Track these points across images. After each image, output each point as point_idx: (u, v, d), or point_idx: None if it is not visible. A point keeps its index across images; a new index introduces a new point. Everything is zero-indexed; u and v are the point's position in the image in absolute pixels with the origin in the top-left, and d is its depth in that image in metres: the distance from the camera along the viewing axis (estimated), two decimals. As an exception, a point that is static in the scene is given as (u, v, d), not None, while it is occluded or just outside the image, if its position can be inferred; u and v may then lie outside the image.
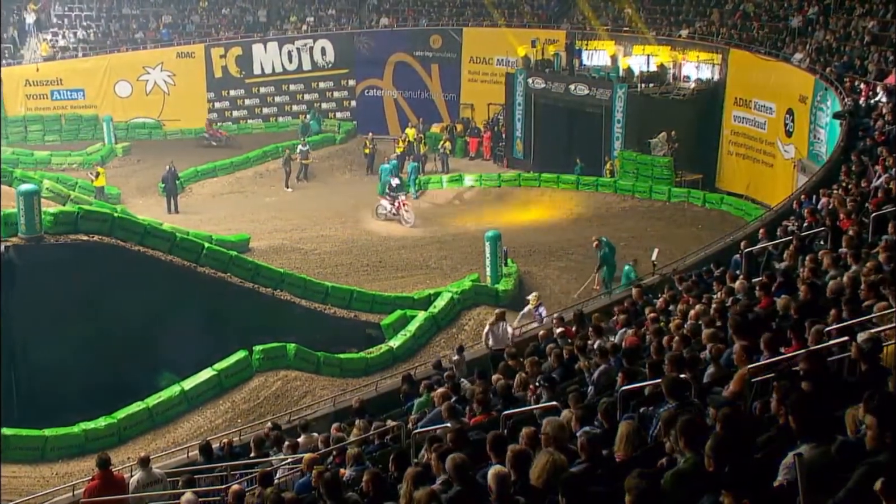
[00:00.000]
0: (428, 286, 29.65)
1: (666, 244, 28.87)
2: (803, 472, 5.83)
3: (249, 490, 13.55)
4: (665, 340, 14.13)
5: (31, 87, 47.03)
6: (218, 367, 24.05)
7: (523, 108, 43.28)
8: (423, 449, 11.99)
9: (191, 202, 39.87)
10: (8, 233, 23.88)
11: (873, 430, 6.14)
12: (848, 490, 5.73)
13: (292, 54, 50.22)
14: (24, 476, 21.26)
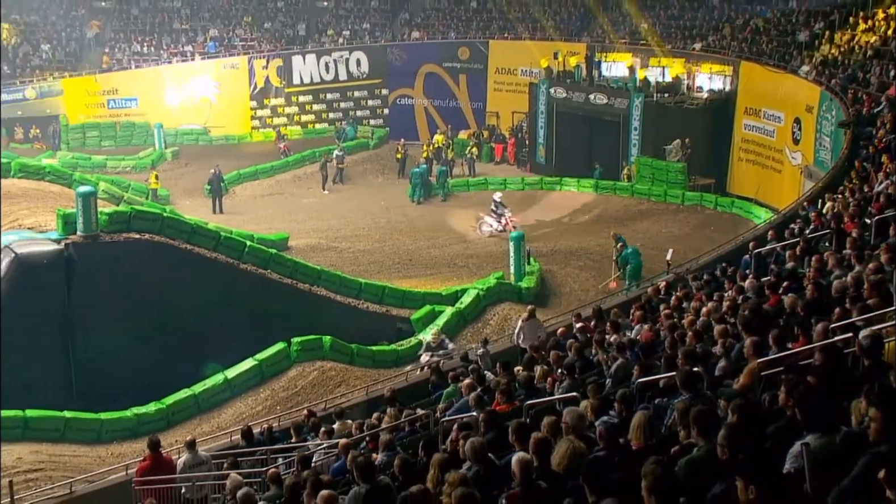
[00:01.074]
0: (455, 283, 29.57)
1: (680, 245, 28.79)
2: (810, 461, 5.82)
3: (287, 473, 13.57)
4: (679, 336, 14.08)
5: (90, 97, 47.39)
6: (259, 358, 24.14)
7: (545, 116, 43.16)
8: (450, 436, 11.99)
9: (234, 203, 39.98)
10: (68, 231, 24.08)
11: (877, 422, 6.11)
12: (852, 478, 5.69)
13: (329, 65, 50.29)
14: (82, 455, 21.50)
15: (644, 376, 12.08)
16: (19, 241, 24.30)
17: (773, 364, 10.10)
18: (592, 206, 38.31)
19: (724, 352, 11.95)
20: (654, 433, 8.39)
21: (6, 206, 27.74)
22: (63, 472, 20.48)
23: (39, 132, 46.33)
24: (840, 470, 5.85)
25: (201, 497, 15.25)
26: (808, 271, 16.44)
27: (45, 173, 32.98)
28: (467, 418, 12.91)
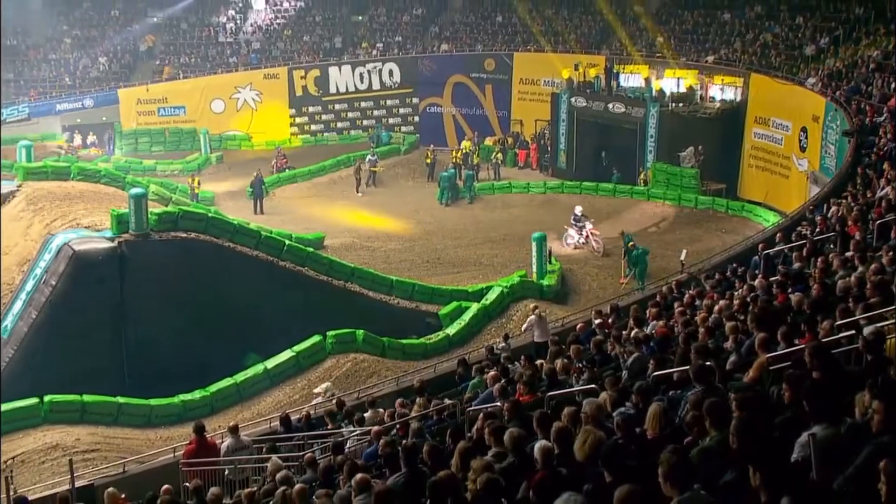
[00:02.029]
0: (481, 281, 29.54)
1: (693, 246, 28.71)
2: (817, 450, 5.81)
3: (323, 457, 13.61)
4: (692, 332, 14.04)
5: (142, 105, 47.58)
6: (296, 350, 24.27)
7: (566, 123, 43.08)
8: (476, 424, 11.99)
9: (274, 205, 40.03)
10: (121, 230, 24.29)
11: (880, 414, 6.10)
12: (856, 467, 5.69)
13: (363, 75, 50.30)
14: (134, 438, 21.70)
15: (659, 370, 12.06)
16: (77, 238, 24.52)
17: (782, 359, 10.08)
18: (611, 210, 38.17)
19: (734, 347, 11.92)
20: (668, 423, 8.37)
21: (66, 207, 28.00)
22: (117, 452, 20.67)
23: (96, 138, 46.59)
24: (844, 459, 5.85)
25: (243, 479, 15.36)
26: (814, 271, 16.41)
27: (100, 176, 33.17)
28: (492, 408, 12.94)
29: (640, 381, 11.49)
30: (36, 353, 23.11)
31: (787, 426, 7.08)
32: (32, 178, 30.68)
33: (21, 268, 25.41)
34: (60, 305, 23.36)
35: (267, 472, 13.75)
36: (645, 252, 28.96)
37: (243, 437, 16.66)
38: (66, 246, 23.87)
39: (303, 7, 53.89)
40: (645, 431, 8.46)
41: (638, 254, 28.81)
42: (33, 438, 21.18)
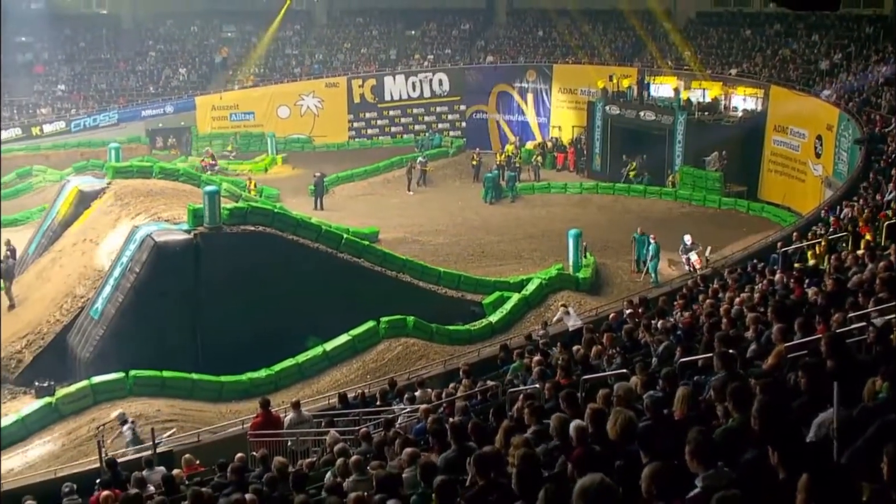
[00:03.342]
0: (521, 273, 29.48)
1: (717, 243, 28.45)
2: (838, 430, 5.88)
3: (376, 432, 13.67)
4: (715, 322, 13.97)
5: (216, 111, 48.06)
6: (352, 334, 24.33)
7: (601, 129, 42.93)
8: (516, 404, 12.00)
9: (333, 201, 40.21)
10: (196, 223, 24.47)
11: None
12: (865, 440, 5.72)
13: (416, 84, 50.39)
14: (206, 411, 21.92)
15: (685, 357, 12.02)
16: (158, 230, 24.70)
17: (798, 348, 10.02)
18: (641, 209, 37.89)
19: (755, 336, 11.82)
20: (694, 406, 8.35)
21: (148, 202, 28.28)
22: (192, 423, 20.89)
23: (175, 140, 47.13)
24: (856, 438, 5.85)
25: (304, 450, 15.48)
26: (828, 268, 16.27)
27: (179, 175, 33.46)
28: (531, 389, 12.95)
29: (667, 366, 11.46)
30: (122, 332, 23.35)
31: (803, 409, 7.06)
32: (120, 177, 31.02)
33: (110, 256, 25.71)
34: (143, 291, 23.60)
35: (325, 444, 13.85)
36: (657, 248, 28.94)
37: (304, 412, 16.78)
38: (149, 237, 24.08)
39: (361, 22, 54.05)
40: (672, 413, 8.44)
41: (654, 248, 28.86)
42: (120, 408, 21.46)
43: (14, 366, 24.17)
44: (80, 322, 24.59)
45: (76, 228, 28.97)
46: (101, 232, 27.58)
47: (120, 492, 13.04)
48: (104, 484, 14.23)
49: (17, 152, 44.03)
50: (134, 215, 27.33)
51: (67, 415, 21.44)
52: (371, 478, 9.41)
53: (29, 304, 26.77)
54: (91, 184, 31.08)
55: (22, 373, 24.00)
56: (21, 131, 44.97)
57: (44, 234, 30.18)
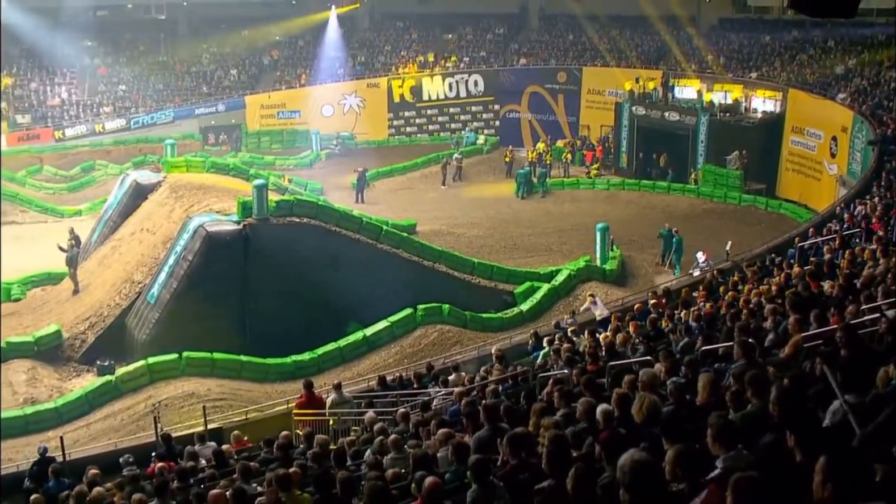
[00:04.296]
0: (551, 264, 29.40)
1: (736, 238, 28.19)
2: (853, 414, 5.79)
3: (413, 413, 13.70)
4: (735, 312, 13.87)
5: (264, 110, 48.34)
6: (391, 320, 24.36)
7: (628, 129, 42.80)
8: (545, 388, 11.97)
9: (373, 195, 40.31)
10: (245, 215, 24.59)
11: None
12: (876, 424, 5.68)
13: (452, 85, 50.38)
14: (253, 391, 22.06)
15: (707, 345, 11.94)
16: (209, 221, 24.81)
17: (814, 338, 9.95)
18: (665, 204, 37.78)
19: (773, 327, 11.73)
20: (715, 391, 8.29)
21: (202, 195, 28.46)
22: (240, 402, 21.05)
23: (226, 137, 47.43)
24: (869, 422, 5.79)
25: (345, 428, 15.51)
26: (842, 262, 16.12)
27: (229, 169, 33.68)
28: (559, 374, 12.91)
29: (690, 354, 11.40)
30: (176, 316, 23.51)
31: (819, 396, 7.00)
32: (175, 171, 31.28)
33: (165, 245, 25.88)
34: (195, 277, 23.75)
35: (365, 424, 13.90)
36: (681, 240, 28.77)
37: (345, 393, 16.85)
38: (201, 227, 24.21)
39: (401, 26, 54.05)
40: (694, 398, 8.39)
41: (677, 241, 28.72)
42: (174, 387, 21.69)
43: (78, 345, 24.51)
44: (137, 306, 24.82)
45: (134, 219, 29.25)
46: (157, 222, 27.79)
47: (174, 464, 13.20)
48: (160, 456, 14.44)
49: (82, 148, 44.63)
50: (187, 207, 27.47)
51: (126, 392, 21.70)
52: (408, 456, 9.44)
53: (91, 289, 27.07)
54: (148, 177, 31.34)
55: (85, 352, 24.32)
56: (85, 128, 45.44)
57: (105, 223, 30.50)
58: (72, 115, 46.14)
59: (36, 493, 13.41)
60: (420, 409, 13.56)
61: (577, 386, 10.47)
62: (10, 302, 28.25)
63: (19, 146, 43.49)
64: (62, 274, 28.47)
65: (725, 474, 5.21)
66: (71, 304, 26.75)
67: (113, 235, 29.41)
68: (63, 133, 44.93)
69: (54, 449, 16.41)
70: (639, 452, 4.93)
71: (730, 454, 5.66)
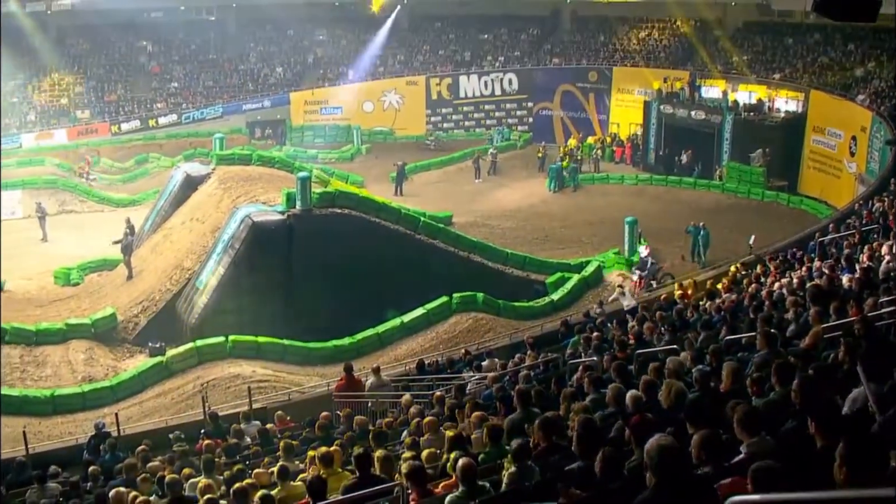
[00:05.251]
0: (581, 255, 29.30)
1: (759, 232, 27.89)
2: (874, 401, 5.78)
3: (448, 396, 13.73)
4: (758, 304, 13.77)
5: (308, 106, 48.50)
6: (427, 307, 24.39)
7: (656, 127, 42.46)
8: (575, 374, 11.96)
9: (411, 188, 40.33)
10: (289, 206, 24.75)
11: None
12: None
13: (487, 83, 50.24)
14: (296, 373, 22.22)
15: (730, 335, 11.87)
16: (255, 211, 25.00)
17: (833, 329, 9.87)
18: (691, 199, 37.53)
19: (794, 318, 11.65)
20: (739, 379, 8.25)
21: (248, 186, 28.65)
22: (283, 384, 21.20)
23: (271, 132, 47.69)
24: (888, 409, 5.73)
25: (382, 410, 15.55)
26: (861, 257, 15.96)
27: (275, 162, 33.81)
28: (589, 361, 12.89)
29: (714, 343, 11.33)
30: (223, 302, 23.74)
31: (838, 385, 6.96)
32: (223, 163, 31.46)
33: (213, 234, 26.09)
34: (242, 265, 23.93)
35: (402, 406, 13.96)
36: (708, 233, 28.66)
37: (383, 377, 16.90)
38: (248, 217, 24.39)
39: (439, 27, 53.98)
40: (718, 385, 8.35)
41: (704, 235, 28.49)
42: (220, 368, 21.89)
43: (132, 328, 24.83)
44: (187, 291, 25.07)
45: (185, 209, 29.51)
46: (207, 212, 28.01)
47: (221, 441, 13.36)
48: (207, 434, 14.60)
49: (136, 142, 45.13)
50: (235, 198, 27.66)
51: (176, 372, 21.97)
52: (443, 437, 9.48)
53: (144, 275, 27.38)
54: (198, 169, 31.60)
55: (138, 334, 24.63)
56: (139, 123, 45.91)
57: (157, 213, 30.81)
58: (127, 110, 46.65)
59: (93, 465, 13.66)
60: (455, 392, 13.57)
61: (606, 372, 10.45)
62: (70, 286, 28.68)
63: (79, 140, 44.04)
64: (117, 260, 28.83)
65: (749, 459, 5.20)
66: (125, 289, 27.10)
67: (164, 224, 29.72)
68: (119, 127, 45.45)
69: (109, 424, 16.69)
70: (665, 437, 4.92)
71: (753, 440, 5.64)
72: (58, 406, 20.50)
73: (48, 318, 25.21)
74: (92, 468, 13.40)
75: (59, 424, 19.94)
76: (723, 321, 13.24)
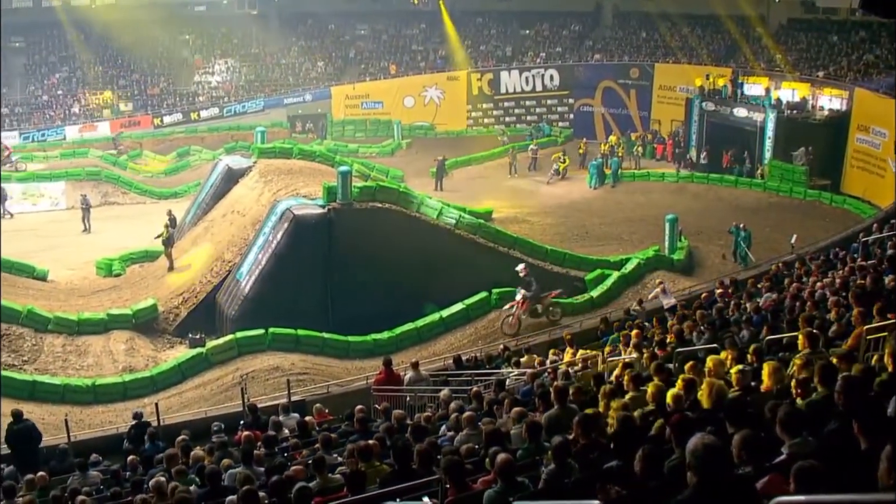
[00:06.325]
0: (621, 253, 29.14)
1: (801, 232, 27.59)
2: None
3: (486, 392, 13.74)
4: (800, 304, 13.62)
5: (349, 100, 48.74)
6: (466, 303, 24.40)
7: (698, 124, 42.05)
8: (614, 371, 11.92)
9: (452, 183, 40.33)
10: (330, 199, 24.86)
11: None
12: None
13: (529, 79, 50.12)
14: (335, 366, 22.29)
15: (771, 334, 11.76)
16: (296, 205, 25.16)
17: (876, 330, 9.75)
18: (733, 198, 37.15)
19: (836, 318, 11.52)
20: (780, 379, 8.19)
21: (289, 179, 28.84)
22: (322, 376, 21.30)
23: (312, 125, 47.98)
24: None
25: (421, 405, 15.62)
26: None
27: (315, 156, 33.98)
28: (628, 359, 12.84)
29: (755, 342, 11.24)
30: (263, 294, 23.88)
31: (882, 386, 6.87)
32: (264, 157, 31.69)
33: (254, 227, 26.29)
34: (282, 257, 24.06)
35: (440, 401, 13.99)
36: (749, 234, 28.30)
37: (422, 371, 16.97)
38: (288, 210, 24.55)
39: (480, 22, 53.91)
40: (759, 385, 8.29)
41: (745, 236, 28.18)
42: (260, 360, 22.06)
43: (172, 319, 25.12)
44: (227, 283, 25.30)
45: (226, 201, 29.78)
46: (247, 205, 28.23)
47: (260, 433, 13.48)
48: (246, 425, 14.73)
49: (178, 134, 45.70)
50: (275, 191, 27.86)
51: (215, 364, 22.16)
52: (481, 432, 9.50)
53: (185, 267, 27.68)
54: (239, 162, 31.86)
55: (178, 325, 24.90)
56: (181, 116, 46.45)
57: (198, 205, 31.12)
58: (170, 103, 47.20)
59: (133, 455, 13.87)
60: (495, 388, 13.58)
61: (646, 370, 10.41)
62: (112, 277, 29.09)
63: (121, 132, 44.63)
64: (159, 252, 29.19)
65: (790, 460, 5.16)
66: (166, 281, 27.42)
67: (205, 217, 30.01)
68: (161, 120, 46.02)
69: (149, 414, 16.90)
70: (707, 436, 4.90)
71: (795, 441, 5.60)
72: (99, 395, 20.81)
73: (90, 308, 25.60)
74: (131, 457, 13.61)
75: (100, 413, 20.25)
76: (763, 320, 13.12)
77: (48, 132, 42.90)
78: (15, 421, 14.68)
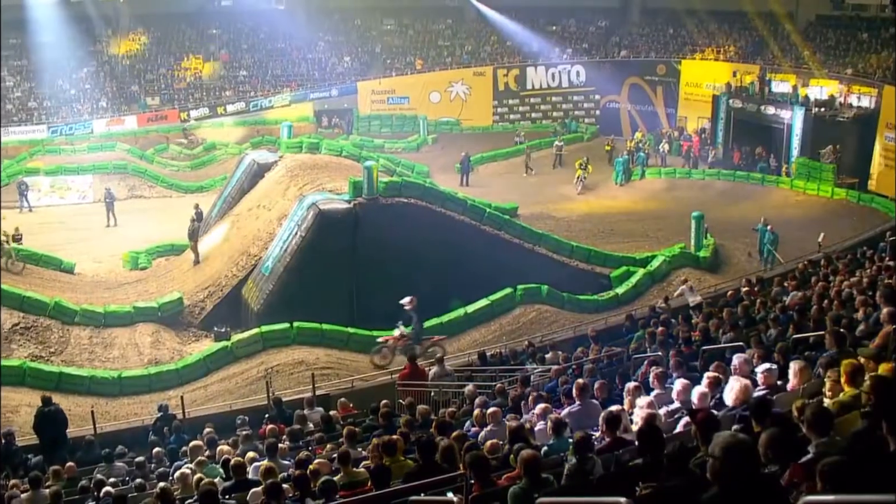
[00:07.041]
0: (647, 250, 29.05)
1: (829, 230, 27.35)
2: None
3: (511, 388, 13.74)
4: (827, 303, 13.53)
5: (375, 95, 48.77)
6: (491, 299, 24.41)
7: (724, 121, 41.83)
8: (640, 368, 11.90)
9: (477, 178, 40.35)
10: (356, 194, 24.91)
11: None
12: None
13: (555, 75, 50.00)
14: (359, 361, 22.28)
15: (797, 333, 11.69)
16: (322, 199, 25.21)
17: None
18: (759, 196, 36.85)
19: (863, 318, 11.43)
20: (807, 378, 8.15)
21: (315, 174, 28.90)
22: (346, 371, 21.39)
23: (339, 120, 48.10)
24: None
25: (445, 400, 15.63)
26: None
27: (341, 150, 34.12)
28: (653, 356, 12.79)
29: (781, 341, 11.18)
30: (288, 288, 23.97)
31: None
32: (291, 151, 31.81)
33: (280, 221, 26.37)
34: (307, 252, 24.12)
35: (465, 396, 14.02)
36: (776, 235, 28.08)
37: (447, 367, 17.01)
38: (314, 205, 24.60)
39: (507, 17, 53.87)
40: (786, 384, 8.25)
41: (773, 238, 27.99)
42: (285, 354, 22.18)
43: (197, 312, 25.30)
44: (252, 277, 25.39)
45: (252, 196, 29.92)
46: (273, 199, 28.35)
47: (284, 426, 13.57)
48: (271, 418, 14.84)
49: (205, 129, 45.90)
50: (301, 186, 27.93)
51: (241, 357, 22.31)
52: (506, 428, 9.52)
53: (210, 260, 27.87)
54: (265, 157, 32.01)
55: (204, 319, 25.07)
56: (208, 110, 46.67)
57: (225, 199, 31.30)
58: (196, 97, 47.48)
59: (158, 447, 14.01)
60: (520, 384, 13.58)
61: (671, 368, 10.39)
62: (138, 270, 29.35)
63: (148, 126, 44.98)
64: (184, 245, 29.40)
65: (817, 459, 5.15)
66: (192, 274, 27.61)
67: (231, 211, 30.18)
68: (188, 114, 46.27)
69: (174, 407, 17.06)
70: (733, 434, 4.90)
71: (822, 440, 5.57)
72: (124, 387, 21.03)
73: (116, 300, 25.86)
74: (156, 450, 13.75)
75: (126, 405, 20.47)
76: (790, 319, 13.04)
77: (76, 126, 43.28)
78: (44, 404, 15.20)
